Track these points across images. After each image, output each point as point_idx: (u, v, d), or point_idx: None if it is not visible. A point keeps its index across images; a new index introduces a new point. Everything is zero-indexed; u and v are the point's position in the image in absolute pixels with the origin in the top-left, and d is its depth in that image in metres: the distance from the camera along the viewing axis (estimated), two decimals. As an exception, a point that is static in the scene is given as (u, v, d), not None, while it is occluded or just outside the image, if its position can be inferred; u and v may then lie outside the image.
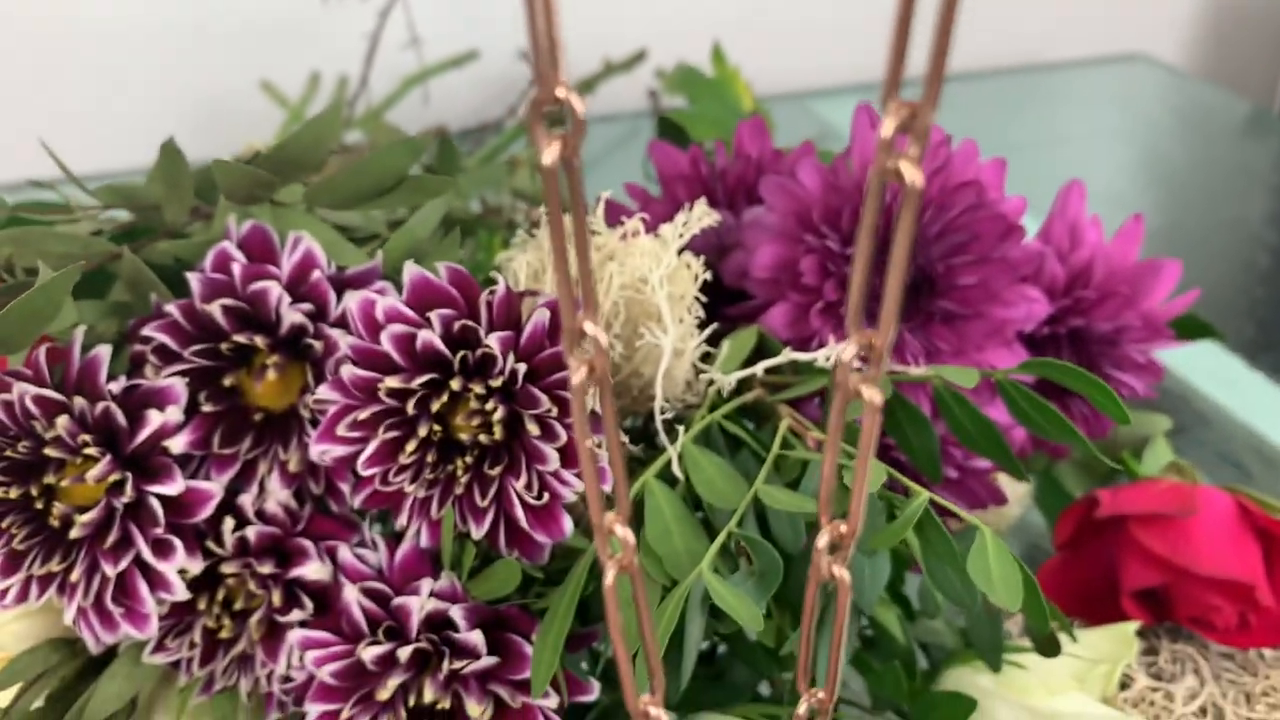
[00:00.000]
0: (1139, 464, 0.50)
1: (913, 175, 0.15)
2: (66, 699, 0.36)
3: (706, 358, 0.40)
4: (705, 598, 0.32)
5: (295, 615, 0.34)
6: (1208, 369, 0.68)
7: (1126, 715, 0.39)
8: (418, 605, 0.33)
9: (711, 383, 0.39)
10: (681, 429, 0.36)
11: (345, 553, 0.35)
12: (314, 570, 0.34)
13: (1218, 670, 0.44)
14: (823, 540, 0.25)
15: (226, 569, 0.35)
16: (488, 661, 0.33)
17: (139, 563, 0.33)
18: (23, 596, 0.34)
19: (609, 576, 0.21)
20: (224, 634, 0.35)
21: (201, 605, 0.35)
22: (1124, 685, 0.43)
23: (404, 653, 0.33)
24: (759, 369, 0.39)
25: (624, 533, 0.21)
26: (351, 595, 0.34)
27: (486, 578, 0.34)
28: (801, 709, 0.27)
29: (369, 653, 0.33)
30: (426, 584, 0.34)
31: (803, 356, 0.39)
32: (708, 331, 0.39)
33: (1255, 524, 0.45)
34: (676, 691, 0.33)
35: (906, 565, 0.43)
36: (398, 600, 0.34)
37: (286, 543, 0.35)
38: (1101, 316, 0.46)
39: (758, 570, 0.32)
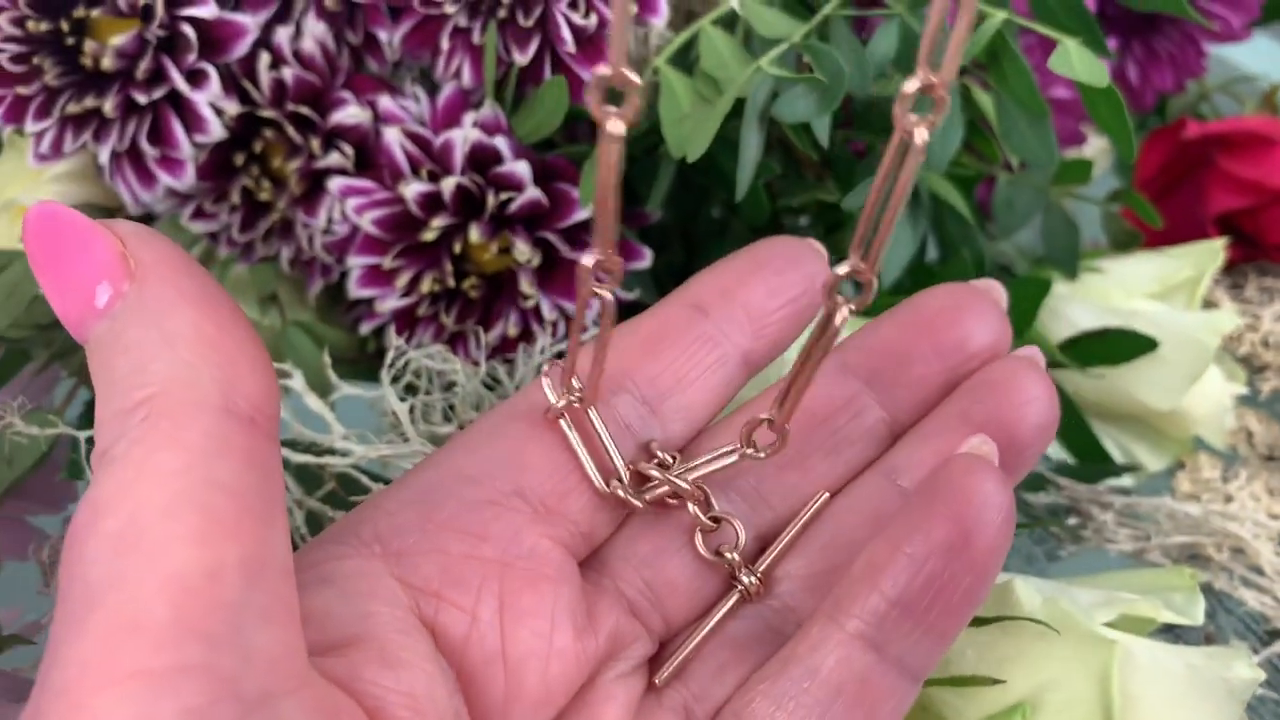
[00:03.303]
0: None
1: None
2: (107, 269, 0.35)
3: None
4: (764, 112, 0.30)
5: (335, 159, 0.33)
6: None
7: (1210, 313, 0.37)
8: (461, 138, 0.32)
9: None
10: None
11: (386, 101, 0.33)
12: (353, 114, 0.33)
13: (1308, 301, 0.42)
14: (911, 85, 0.20)
15: (264, 115, 0.33)
16: (534, 194, 0.32)
17: (173, 99, 0.32)
18: (58, 142, 0.33)
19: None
20: (263, 195, 0.34)
21: (239, 162, 0.34)
22: (1207, 307, 0.41)
23: (448, 186, 0.32)
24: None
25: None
26: (393, 136, 0.32)
27: (533, 108, 0.32)
28: (842, 269, 0.23)
29: (411, 190, 0.32)
30: (469, 117, 0.32)
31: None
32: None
33: (1353, 157, 0.42)
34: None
35: (978, 179, 0.40)
36: (441, 138, 0.32)
37: (326, 96, 0.34)
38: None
39: (820, 80, 0.30)
